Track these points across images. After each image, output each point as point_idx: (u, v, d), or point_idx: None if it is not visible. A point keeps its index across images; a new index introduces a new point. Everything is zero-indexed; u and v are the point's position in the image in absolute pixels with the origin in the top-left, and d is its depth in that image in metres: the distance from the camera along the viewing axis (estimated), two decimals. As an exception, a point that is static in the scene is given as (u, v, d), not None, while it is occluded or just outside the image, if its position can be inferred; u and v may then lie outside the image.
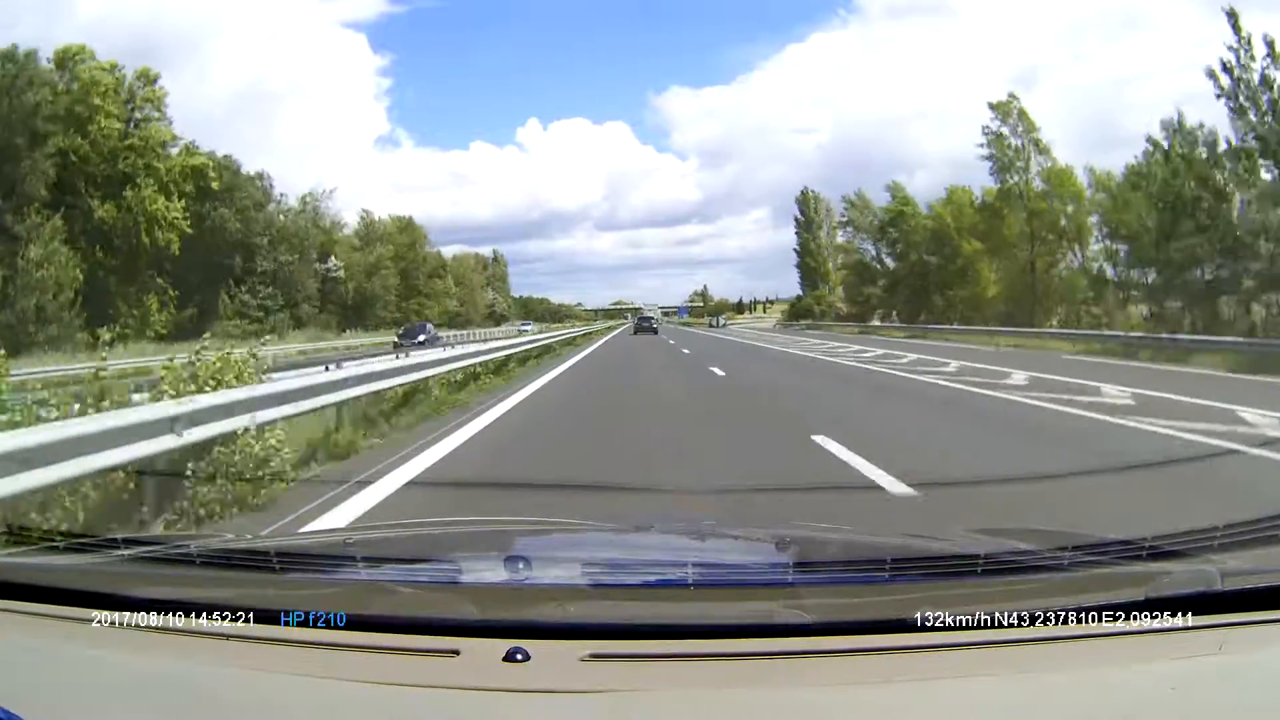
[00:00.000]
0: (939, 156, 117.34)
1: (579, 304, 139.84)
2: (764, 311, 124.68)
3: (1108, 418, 9.46)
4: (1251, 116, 24.86)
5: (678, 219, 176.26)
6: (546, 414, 11.36)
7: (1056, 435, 8.63)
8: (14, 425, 4.87)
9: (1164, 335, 23.20)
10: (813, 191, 73.96)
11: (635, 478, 6.33)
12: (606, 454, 7.84)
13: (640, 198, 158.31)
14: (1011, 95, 42.57)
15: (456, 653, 1.09)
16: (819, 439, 7.82)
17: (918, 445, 8.24)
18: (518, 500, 5.71)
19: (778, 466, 6.95)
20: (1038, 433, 8.89)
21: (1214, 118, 26.79)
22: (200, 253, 42.12)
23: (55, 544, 1.80)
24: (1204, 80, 25.30)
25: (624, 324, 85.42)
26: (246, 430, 5.96)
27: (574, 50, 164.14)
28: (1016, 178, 40.99)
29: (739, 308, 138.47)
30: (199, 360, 6.55)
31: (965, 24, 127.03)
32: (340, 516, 5.15)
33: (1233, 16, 24.87)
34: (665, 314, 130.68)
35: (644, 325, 60.58)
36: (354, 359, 19.57)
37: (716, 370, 18.69)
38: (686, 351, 28.54)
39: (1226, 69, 24.91)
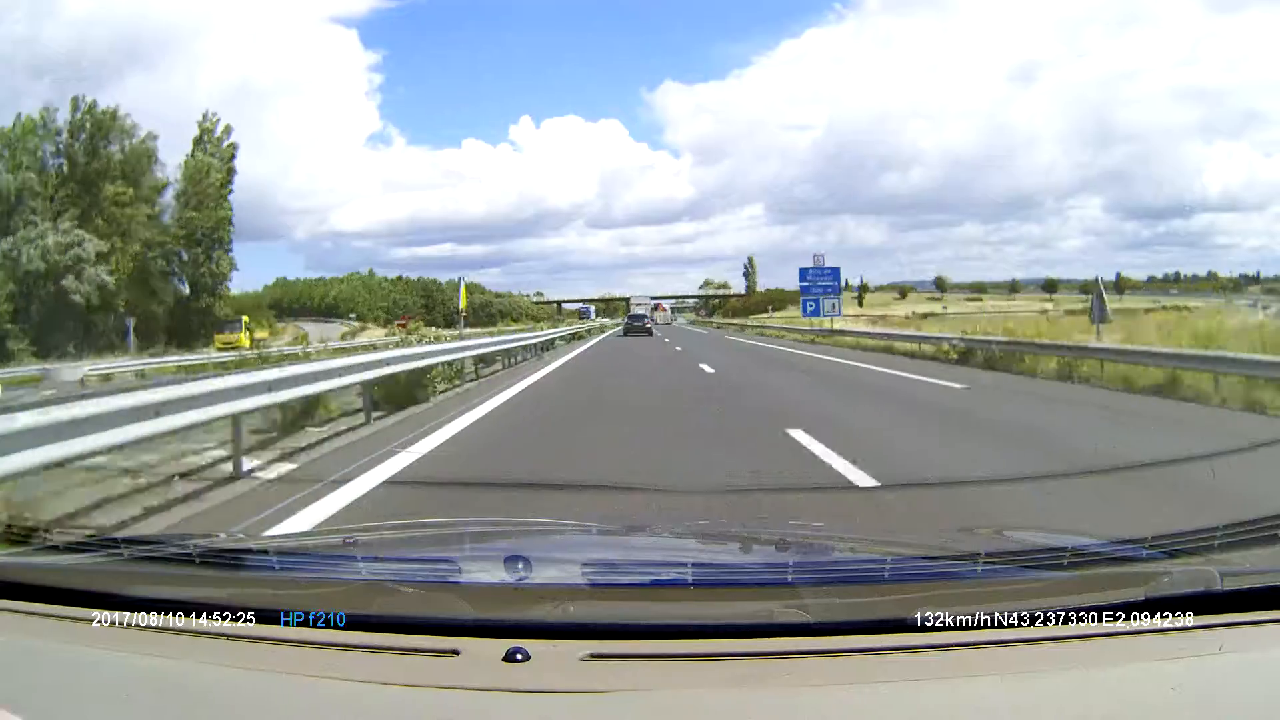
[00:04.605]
0: (936, 153, 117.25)
1: (535, 295, 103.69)
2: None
3: None
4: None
5: (671, 216, 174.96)
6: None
7: None
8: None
9: None
10: None
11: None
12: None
13: (633, 195, 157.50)
14: None
15: (456, 653, 1.09)
16: None
17: None
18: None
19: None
20: None
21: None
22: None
23: (55, 544, 1.80)
24: (1200, 76, 22.06)
25: (586, 335, 46.78)
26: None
27: (568, 47, 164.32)
28: None
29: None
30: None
31: (963, 19, 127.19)
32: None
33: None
34: (677, 310, 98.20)
35: (635, 325, 50.21)
36: None
37: None
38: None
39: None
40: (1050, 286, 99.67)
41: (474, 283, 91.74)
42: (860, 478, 5.96)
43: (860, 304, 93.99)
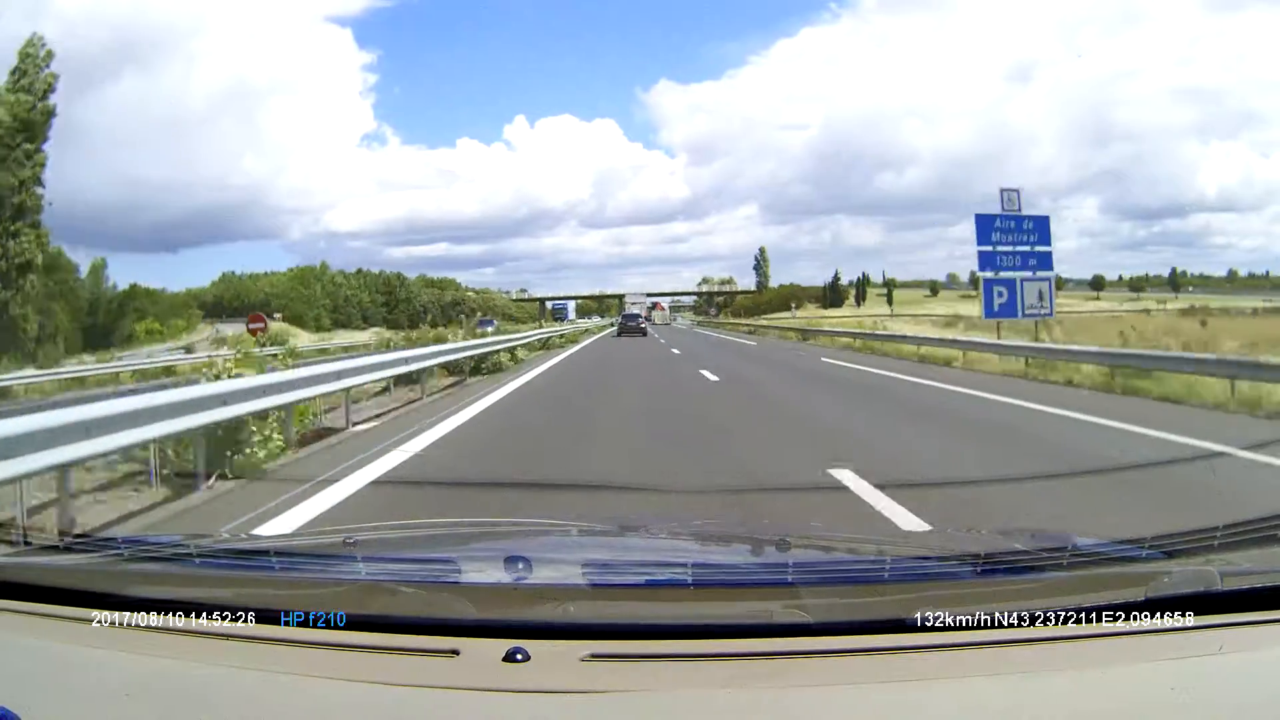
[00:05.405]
0: (932, 153, 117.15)
1: (519, 292, 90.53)
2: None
3: None
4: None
5: (665, 216, 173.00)
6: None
7: None
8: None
9: None
10: None
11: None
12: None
13: (628, 195, 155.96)
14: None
15: (456, 653, 1.09)
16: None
17: None
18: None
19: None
20: None
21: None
22: None
23: (55, 544, 1.80)
24: (1198, 76, 19.88)
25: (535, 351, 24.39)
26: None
27: (562, 46, 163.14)
28: None
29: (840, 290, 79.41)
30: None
31: (959, 18, 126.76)
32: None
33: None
34: (676, 309, 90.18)
35: (629, 325, 46.59)
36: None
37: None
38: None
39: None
40: (1098, 284, 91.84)
41: (447, 278, 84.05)
42: None
43: (890, 303, 77.17)
